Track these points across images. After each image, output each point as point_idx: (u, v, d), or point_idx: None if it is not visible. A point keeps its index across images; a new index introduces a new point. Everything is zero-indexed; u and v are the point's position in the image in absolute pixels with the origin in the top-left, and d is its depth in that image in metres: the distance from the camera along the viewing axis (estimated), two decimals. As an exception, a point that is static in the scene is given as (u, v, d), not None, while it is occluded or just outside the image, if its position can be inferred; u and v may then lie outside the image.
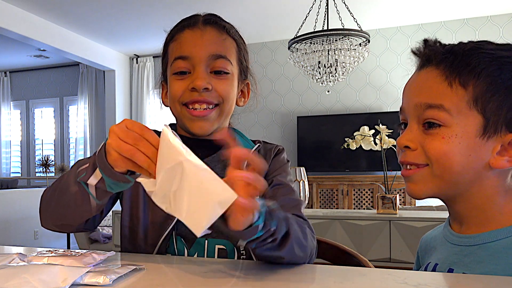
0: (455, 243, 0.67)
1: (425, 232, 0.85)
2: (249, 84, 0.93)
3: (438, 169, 0.63)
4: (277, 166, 0.89)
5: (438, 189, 0.65)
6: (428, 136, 0.63)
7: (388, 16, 4.60)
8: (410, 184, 0.68)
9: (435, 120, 0.62)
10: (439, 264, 0.68)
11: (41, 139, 6.79)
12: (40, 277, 0.52)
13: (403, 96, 0.70)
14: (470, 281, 0.58)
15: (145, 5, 4.23)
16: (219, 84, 0.82)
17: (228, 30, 0.86)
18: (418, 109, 0.64)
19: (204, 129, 0.84)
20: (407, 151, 0.66)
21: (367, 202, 4.60)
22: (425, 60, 0.66)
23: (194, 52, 0.82)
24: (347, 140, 2.67)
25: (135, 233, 0.85)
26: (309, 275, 0.64)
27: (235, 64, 0.86)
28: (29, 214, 4.62)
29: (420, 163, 0.65)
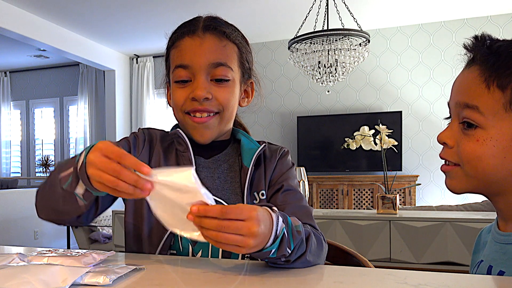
0: (497, 241, 0.67)
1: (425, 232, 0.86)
2: (253, 84, 0.93)
3: (470, 170, 0.64)
4: (284, 170, 0.89)
5: (474, 187, 0.66)
6: (465, 136, 0.64)
7: (388, 16, 4.60)
8: (448, 179, 0.69)
9: (471, 121, 0.63)
10: (484, 262, 0.68)
11: (41, 139, 6.79)
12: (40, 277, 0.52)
13: (451, 92, 0.71)
14: (470, 281, 0.58)
15: (145, 5, 4.23)
16: (220, 92, 0.83)
17: (229, 35, 0.85)
18: (457, 107, 0.65)
19: (205, 137, 0.86)
20: (445, 147, 0.67)
21: (367, 202, 4.60)
22: (471, 59, 0.67)
23: (194, 60, 0.82)
24: (347, 140, 2.66)
25: (140, 230, 0.85)
26: (309, 275, 0.64)
27: (236, 69, 0.86)
28: (29, 214, 4.62)
29: (453, 161, 0.66)
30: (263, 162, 0.89)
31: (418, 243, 2.28)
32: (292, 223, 0.67)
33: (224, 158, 0.90)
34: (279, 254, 0.64)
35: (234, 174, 0.88)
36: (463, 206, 2.70)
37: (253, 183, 0.87)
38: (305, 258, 0.68)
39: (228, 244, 0.58)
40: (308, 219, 0.82)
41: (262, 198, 0.85)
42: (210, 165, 0.89)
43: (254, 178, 0.87)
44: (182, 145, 0.88)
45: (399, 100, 4.91)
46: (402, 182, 4.47)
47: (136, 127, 5.92)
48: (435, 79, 4.79)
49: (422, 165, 4.84)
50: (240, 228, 0.58)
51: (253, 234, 0.59)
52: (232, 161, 0.90)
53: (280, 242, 0.63)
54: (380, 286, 0.56)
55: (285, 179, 0.87)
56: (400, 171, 4.57)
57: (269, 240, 0.62)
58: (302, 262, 0.69)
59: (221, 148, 0.91)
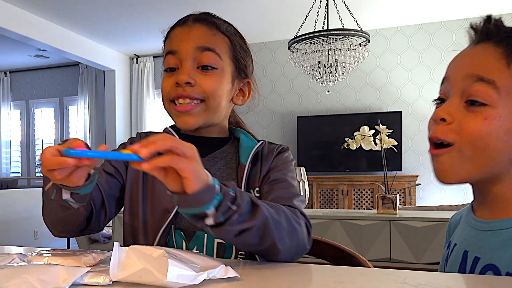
0: (474, 227, 0.66)
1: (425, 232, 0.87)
2: (251, 84, 0.92)
3: (469, 150, 0.60)
4: (279, 164, 0.88)
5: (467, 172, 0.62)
6: (470, 113, 0.60)
7: (388, 16, 4.60)
8: (439, 166, 0.64)
9: (480, 98, 0.60)
10: (457, 245, 0.68)
11: (41, 139, 6.79)
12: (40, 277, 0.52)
13: (450, 66, 0.67)
14: (470, 281, 0.58)
15: (146, 5, 4.23)
16: (204, 79, 0.81)
17: (219, 26, 0.85)
18: (467, 79, 0.62)
19: (188, 124, 0.83)
20: (440, 124, 0.63)
21: (367, 202, 4.60)
22: (484, 36, 0.63)
23: (181, 46, 0.82)
24: (347, 140, 2.67)
25: (136, 229, 0.86)
26: (309, 275, 0.64)
27: (226, 60, 0.85)
28: (29, 214, 4.62)
29: (448, 140, 0.62)
30: (260, 159, 0.88)
31: (418, 243, 2.28)
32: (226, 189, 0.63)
33: (221, 155, 0.90)
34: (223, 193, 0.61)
35: (230, 171, 0.88)
36: (463, 206, 2.70)
37: (250, 181, 0.86)
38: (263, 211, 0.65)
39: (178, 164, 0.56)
40: (288, 201, 0.79)
41: (257, 195, 0.85)
42: (206, 162, 0.88)
43: (251, 176, 0.87)
44: None
45: (399, 100, 4.91)
46: (402, 182, 4.47)
47: (136, 127, 5.92)
48: (435, 79, 4.79)
49: (422, 165, 4.84)
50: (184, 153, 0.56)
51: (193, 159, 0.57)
52: (229, 158, 0.90)
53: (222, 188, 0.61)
54: (380, 286, 0.56)
55: (276, 171, 0.86)
56: (400, 171, 4.57)
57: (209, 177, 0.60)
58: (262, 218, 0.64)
59: (219, 146, 0.91)
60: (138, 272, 0.55)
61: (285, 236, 0.69)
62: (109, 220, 0.87)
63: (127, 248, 0.59)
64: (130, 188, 0.88)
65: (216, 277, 0.57)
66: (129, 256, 0.57)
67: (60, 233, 0.80)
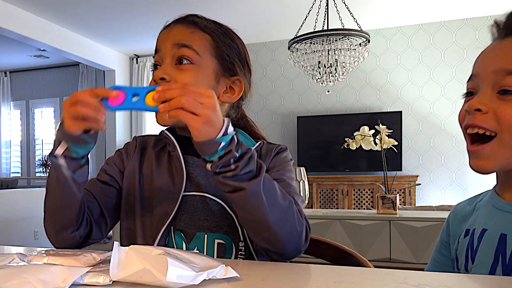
0: (507, 211, 0.68)
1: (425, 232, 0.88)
2: (242, 82, 0.89)
3: (508, 137, 0.63)
4: (277, 164, 0.88)
5: (506, 159, 0.65)
6: (504, 102, 0.63)
7: (388, 16, 4.60)
8: (477, 160, 0.67)
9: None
10: (489, 230, 0.69)
11: (41, 139, 6.79)
12: (40, 277, 0.52)
13: (478, 62, 0.69)
14: (471, 281, 0.58)
15: (145, 5, 4.23)
16: (180, 74, 0.82)
17: (198, 24, 0.85)
18: (497, 74, 0.64)
19: (164, 120, 0.83)
20: (476, 114, 0.65)
21: (367, 202, 4.60)
22: (510, 30, 0.66)
23: (162, 45, 0.85)
24: (347, 140, 2.67)
25: (133, 232, 0.86)
26: (309, 275, 0.64)
27: (207, 56, 0.84)
28: (29, 214, 4.62)
29: (488, 127, 0.65)
30: None
31: (418, 243, 2.28)
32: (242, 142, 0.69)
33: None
34: (227, 150, 0.66)
35: None
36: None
37: None
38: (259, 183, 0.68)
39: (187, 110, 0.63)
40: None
41: None
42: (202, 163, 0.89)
43: None
44: (170, 145, 0.88)
45: (399, 100, 4.91)
46: (402, 182, 4.47)
47: (136, 127, 5.92)
48: (435, 79, 4.79)
49: (422, 165, 4.84)
50: (200, 95, 0.64)
51: (211, 105, 0.64)
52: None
53: (230, 142, 0.66)
54: (380, 286, 0.56)
55: (274, 172, 0.86)
56: (400, 171, 4.57)
57: (220, 132, 0.65)
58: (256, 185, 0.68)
59: None
60: (138, 272, 0.55)
61: (279, 215, 0.71)
62: (111, 228, 0.88)
63: (127, 248, 0.59)
64: (126, 193, 0.88)
65: (216, 277, 0.57)
66: (129, 256, 0.57)
67: (58, 233, 0.80)
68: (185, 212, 0.84)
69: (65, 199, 0.76)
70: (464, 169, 4.70)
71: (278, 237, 0.72)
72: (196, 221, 0.83)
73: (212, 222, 0.83)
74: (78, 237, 0.81)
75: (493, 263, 0.65)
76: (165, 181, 0.85)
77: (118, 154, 0.93)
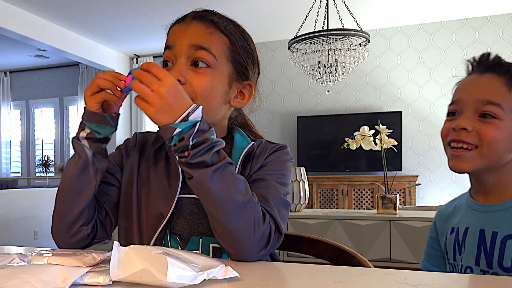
0: (482, 211, 0.86)
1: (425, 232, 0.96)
2: (252, 87, 0.88)
3: (487, 151, 0.82)
4: (269, 163, 0.85)
5: (480, 165, 0.83)
6: (484, 124, 0.82)
7: (388, 16, 4.60)
8: (457, 161, 0.85)
9: (492, 113, 0.81)
10: (470, 227, 0.87)
11: (41, 139, 6.79)
12: (40, 277, 0.52)
13: (460, 91, 0.88)
14: (470, 281, 0.58)
15: (145, 5, 4.23)
16: (195, 77, 0.79)
17: (218, 24, 0.82)
18: (478, 102, 0.82)
19: None
20: (462, 132, 0.83)
21: (367, 202, 4.60)
22: (487, 68, 0.85)
23: (176, 42, 0.81)
24: (347, 140, 2.67)
25: (131, 233, 0.85)
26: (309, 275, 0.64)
27: (223, 60, 0.82)
28: (29, 214, 4.62)
29: (471, 142, 0.82)
30: (251, 160, 0.85)
31: (418, 243, 2.28)
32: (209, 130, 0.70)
33: None
34: (181, 137, 0.67)
35: None
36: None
37: None
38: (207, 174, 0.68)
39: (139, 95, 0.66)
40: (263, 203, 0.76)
41: None
42: None
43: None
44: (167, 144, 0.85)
45: (399, 100, 4.91)
46: (402, 182, 4.47)
47: (136, 127, 5.93)
48: (435, 79, 4.79)
49: (422, 165, 4.84)
50: (152, 83, 0.65)
51: (160, 93, 0.65)
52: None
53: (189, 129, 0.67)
54: (380, 286, 0.56)
55: (262, 171, 0.83)
56: (400, 171, 4.57)
57: (178, 118, 0.66)
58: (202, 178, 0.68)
59: None
60: (138, 272, 0.55)
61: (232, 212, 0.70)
62: (116, 227, 0.88)
63: (127, 248, 0.59)
64: (124, 191, 0.87)
65: (216, 277, 0.57)
66: (129, 256, 0.57)
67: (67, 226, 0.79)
68: (181, 216, 0.83)
69: (81, 181, 0.78)
70: (464, 169, 4.70)
71: (232, 235, 0.70)
72: (192, 225, 0.82)
73: (207, 226, 0.81)
74: (86, 234, 0.80)
75: (477, 252, 0.83)
76: (161, 181, 0.84)
77: (118, 151, 0.92)
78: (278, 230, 0.75)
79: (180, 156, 0.69)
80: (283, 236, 0.77)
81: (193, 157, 0.68)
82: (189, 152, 0.68)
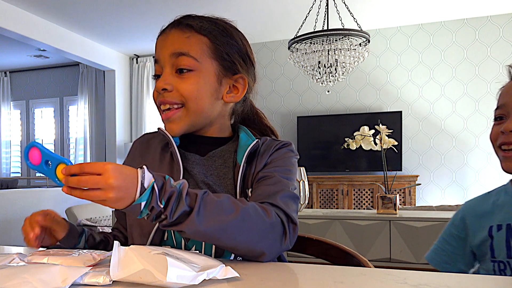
0: None
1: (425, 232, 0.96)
2: (245, 79, 0.89)
3: None
4: (274, 160, 0.86)
5: None
6: None
7: (388, 16, 4.60)
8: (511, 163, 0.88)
9: None
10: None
11: (41, 139, 6.78)
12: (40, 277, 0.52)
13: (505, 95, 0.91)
14: (470, 281, 0.58)
15: (145, 5, 4.23)
16: (181, 83, 0.83)
17: (194, 27, 0.84)
18: None
19: (173, 131, 0.86)
20: (510, 134, 0.87)
21: (367, 202, 4.60)
22: None
23: (160, 53, 0.85)
24: (347, 140, 2.66)
25: (131, 227, 0.87)
26: (309, 275, 0.64)
27: (205, 60, 0.83)
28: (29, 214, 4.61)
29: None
30: (256, 158, 0.87)
31: (418, 243, 2.28)
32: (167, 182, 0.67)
33: (220, 154, 0.89)
34: (150, 207, 0.65)
35: (227, 171, 0.87)
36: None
37: (246, 180, 0.86)
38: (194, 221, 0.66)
39: (92, 199, 0.63)
40: (269, 198, 0.77)
41: (249, 195, 0.84)
42: (204, 162, 0.89)
43: (246, 175, 0.86)
44: (169, 142, 0.88)
45: (399, 100, 4.91)
46: (402, 182, 4.47)
47: (136, 127, 5.92)
48: (435, 79, 4.79)
49: (422, 165, 4.84)
50: (97, 182, 0.61)
51: (110, 186, 0.61)
52: (226, 157, 0.89)
53: (152, 196, 0.65)
54: (380, 286, 0.56)
55: (268, 168, 0.84)
56: (400, 171, 4.57)
57: (137, 193, 0.64)
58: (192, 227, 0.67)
59: (221, 144, 0.91)
60: (138, 272, 0.55)
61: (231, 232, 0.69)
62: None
63: (127, 248, 0.59)
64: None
65: (216, 277, 0.57)
66: (129, 256, 0.57)
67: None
68: None
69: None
70: (464, 169, 4.70)
71: (249, 250, 0.72)
72: None
73: None
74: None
75: None
76: None
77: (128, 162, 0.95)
78: (292, 221, 0.76)
79: (160, 222, 0.68)
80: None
81: (171, 216, 0.66)
82: (165, 214, 0.66)
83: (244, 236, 0.70)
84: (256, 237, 0.71)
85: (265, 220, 0.72)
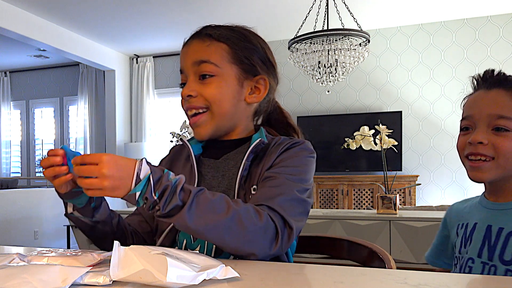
0: (491, 208, 0.92)
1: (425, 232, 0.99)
2: (266, 80, 0.96)
3: (503, 161, 0.87)
4: (283, 159, 0.86)
5: (498, 175, 0.89)
6: (499, 136, 0.87)
7: (388, 16, 4.60)
8: (477, 172, 0.90)
9: (505, 127, 0.87)
10: (479, 223, 0.93)
11: (41, 139, 6.79)
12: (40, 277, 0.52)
13: (471, 107, 0.92)
14: (470, 280, 0.58)
15: (146, 5, 4.23)
16: (204, 88, 0.88)
17: (213, 35, 0.90)
18: (491, 118, 0.88)
19: (200, 134, 0.92)
20: (479, 146, 0.88)
21: (367, 202, 4.60)
22: (494, 83, 0.90)
23: (183, 64, 0.92)
24: (347, 140, 2.67)
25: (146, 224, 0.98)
26: (309, 275, 0.64)
27: (226, 65, 0.89)
28: (29, 214, 4.62)
29: (488, 155, 0.88)
30: (264, 156, 0.88)
31: (418, 243, 2.28)
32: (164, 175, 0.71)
33: (233, 156, 0.92)
34: (144, 197, 0.69)
35: (236, 171, 0.89)
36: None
37: (249, 178, 0.87)
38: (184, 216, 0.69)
39: (88, 188, 0.68)
40: (267, 201, 0.78)
41: (253, 193, 0.85)
42: (218, 164, 0.93)
43: (251, 173, 0.87)
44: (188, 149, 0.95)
45: (399, 100, 4.91)
46: (402, 182, 4.47)
47: (136, 127, 5.92)
48: (435, 79, 4.79)
49: (422, 165, 4.84)
50: (92, 171, 0.67)
51: (104, 176, 0.66)
52: (239, 158, 0.90)
53: (147, 187, 0.69)
54: (380, 286, 0.56)
55: (274, 168, 0.85)
56: (400, 171, 4.57)
57: (132, 183, 0.68)
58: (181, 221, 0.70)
59: (237, 147, 0.94)
60: (138, 273, 0.55)
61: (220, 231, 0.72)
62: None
63: (127, 248, 0.59)
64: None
65: (216, 277, 0.57)
66: (129, 256, 0.57)
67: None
68: None
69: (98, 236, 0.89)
70: (464, 169, 4.68)
71: (238, 248, 0.74)
72: None
73: None
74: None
75: (481, 246, 0.89)
76: None
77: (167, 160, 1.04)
78: (288, 226, 0.77)
79: (154, 212, 0.72)
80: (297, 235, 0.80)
81: (164, 207, 0.70)
82: (159, 205, 0.70)
83: (231, 237, 0.72)
84: (243, 239, 0.72)
85: (256, 223, 0.73)
